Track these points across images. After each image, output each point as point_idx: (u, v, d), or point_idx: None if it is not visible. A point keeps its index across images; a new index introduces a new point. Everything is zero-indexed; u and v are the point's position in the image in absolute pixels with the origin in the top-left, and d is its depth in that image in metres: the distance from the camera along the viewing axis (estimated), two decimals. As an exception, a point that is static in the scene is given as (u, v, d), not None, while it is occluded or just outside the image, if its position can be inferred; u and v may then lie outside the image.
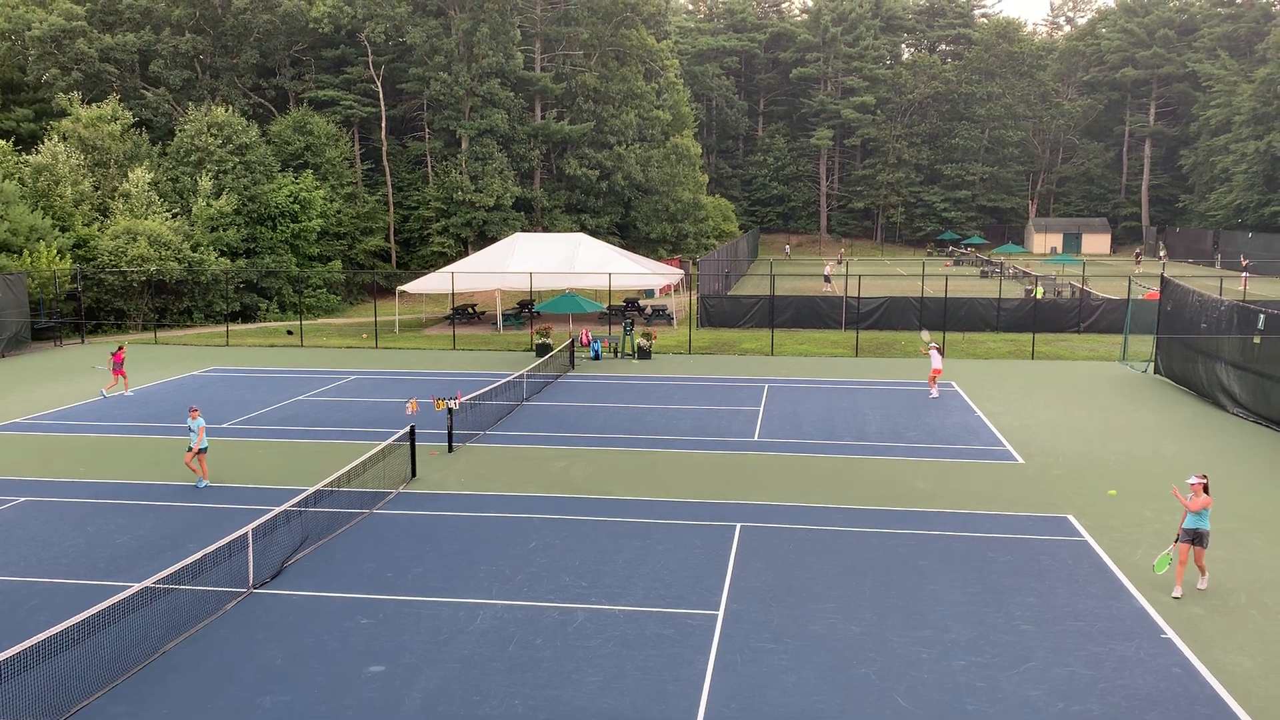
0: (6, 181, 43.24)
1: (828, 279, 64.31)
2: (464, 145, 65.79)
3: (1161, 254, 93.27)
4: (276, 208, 53.54)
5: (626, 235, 74.50)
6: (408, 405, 24.22)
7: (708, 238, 78.78)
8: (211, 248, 48.77)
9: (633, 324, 40.11)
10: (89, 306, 44.63)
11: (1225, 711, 11.11)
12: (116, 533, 17.14)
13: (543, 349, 37.03)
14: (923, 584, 14.75)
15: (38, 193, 46.23)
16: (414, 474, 20.57)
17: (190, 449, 19.88)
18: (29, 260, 41.45)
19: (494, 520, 17.80)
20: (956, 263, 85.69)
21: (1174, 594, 14.22)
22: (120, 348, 30.58)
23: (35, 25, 55.14)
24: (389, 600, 14.20)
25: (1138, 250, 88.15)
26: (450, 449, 22.77)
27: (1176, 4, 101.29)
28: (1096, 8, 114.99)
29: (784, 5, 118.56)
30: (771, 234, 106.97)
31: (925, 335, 29.38)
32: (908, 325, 43.64)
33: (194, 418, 19.82)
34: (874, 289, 52.03)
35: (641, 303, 51.46)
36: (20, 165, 47.27)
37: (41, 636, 10.88)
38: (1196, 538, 14.28)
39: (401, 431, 20.74)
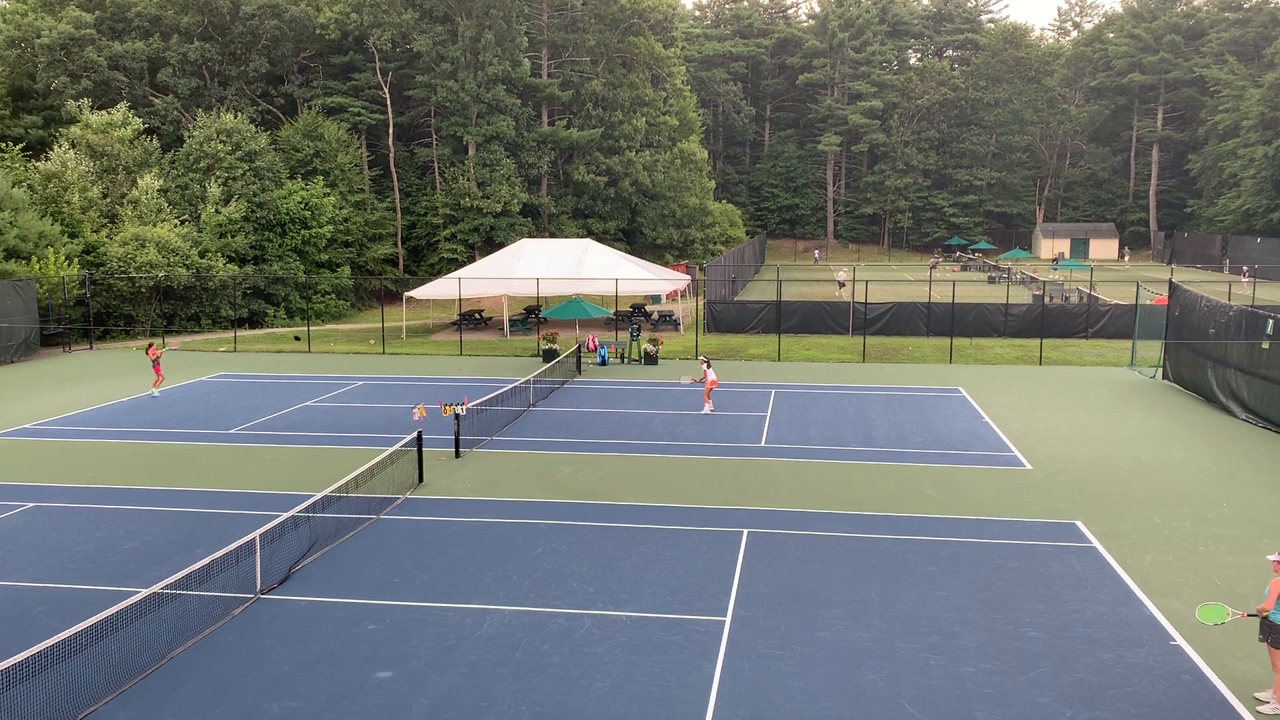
0: (16, 188, 43.39)
1: (841, 284, 64.41)
2: (471, 152, 65.90)
3: (1125, 260, 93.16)
4: (286, 214, 53.70)
5: (633, 241, 74.53)
6: (415, 411, 24.22)
7: (714, 243, 78.81)
8: (220, 254, 48.91)
9: (639, 329, 40.11)
10: (98, 313, 44.80)
11: (1235, 719, 11.05)
12: (124, 538, 17.18)
13: (549, 354, 37.04)
14: (931, 590, 14.70)
15: (47, 199, 46.42)
16: (421, 479, 20.58)
17: None
18: (38, 267, 41.61)
19: (501, 526, 17.80)
20: (964, 268, 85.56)
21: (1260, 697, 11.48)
22: None
23: (44, 33, 55.35)
24: (396, 606, 14.20)
25: (1059, 254, 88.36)
26: (457, 454, 22.79)
27: (1184, 9, 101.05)
28: (1104, 13, 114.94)
29: (791, 11, 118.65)
30: (778, 240, 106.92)
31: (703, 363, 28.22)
32: (915, 331, 43.58)
33: None
34: (881, 294, 51.96)
35: (648, 308, 51.48)
36: (30, 172, 47.50)
37: (50, 642, 10.91)
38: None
39: (409, 437, 20.76)
